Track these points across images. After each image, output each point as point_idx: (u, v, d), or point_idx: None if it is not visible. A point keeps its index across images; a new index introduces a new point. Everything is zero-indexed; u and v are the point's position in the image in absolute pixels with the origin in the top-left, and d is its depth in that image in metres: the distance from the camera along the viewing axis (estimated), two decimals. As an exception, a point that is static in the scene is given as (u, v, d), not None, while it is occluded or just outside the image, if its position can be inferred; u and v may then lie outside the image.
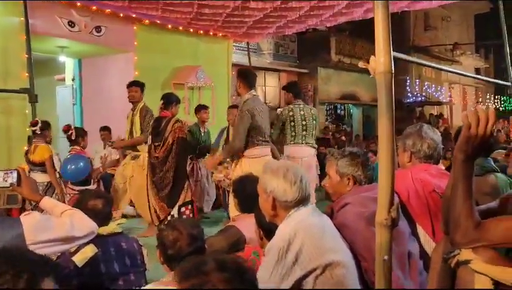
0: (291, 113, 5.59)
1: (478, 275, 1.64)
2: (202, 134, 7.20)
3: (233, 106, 6.64)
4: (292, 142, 5.58)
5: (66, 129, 5.52)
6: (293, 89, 5.88)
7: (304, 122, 5.59)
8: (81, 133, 5.55)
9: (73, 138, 5.44)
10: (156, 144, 5.57)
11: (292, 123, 5.58)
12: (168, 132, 5.51)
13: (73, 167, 5.15)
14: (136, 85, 6.07)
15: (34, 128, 5.26)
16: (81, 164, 5.21)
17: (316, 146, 5.80)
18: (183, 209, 5.53)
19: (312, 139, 5.70)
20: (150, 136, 5.67)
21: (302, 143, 5.58)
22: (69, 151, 5.49)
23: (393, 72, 1.50)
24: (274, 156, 5.52)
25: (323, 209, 2.24)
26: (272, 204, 2.06)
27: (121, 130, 7.80)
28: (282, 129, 5.62)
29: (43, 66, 9.16)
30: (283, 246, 1.92)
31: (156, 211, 5.52)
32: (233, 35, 9.40)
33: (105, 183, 6.11)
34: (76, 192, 5.27)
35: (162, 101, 5.83)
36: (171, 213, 5.49)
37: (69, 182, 5.48)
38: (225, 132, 6.85)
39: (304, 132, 5.59)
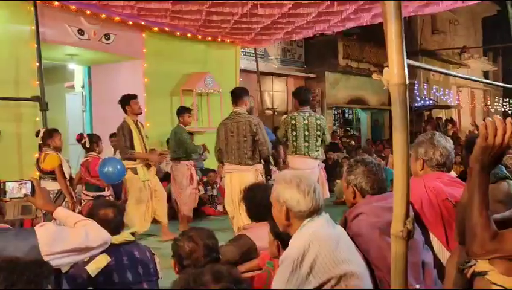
0: (293, 122, 5.31)
1: (495, 286, 1.63)
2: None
3: None
4: (294, 153, 5.34)
5: (79, 138, 5.56)
6: (299, 95, 5.55)
7: (306, 133, 5.29)
8: (95, 139, 5.60)
9: (87, 146, 5.49)
10: None
11: (294, 133, 5.30)
12: None
13: (110, 169, 5.20)
14: None
15: (37, 138, 5.36)
16: (118, 166, 5.28)
17: (320, 157, 5.49)
18: None
19: (315, 151, 5.35)
20: None
21: (304, 155, 5.30)
22: (85, 159, 5.53)
23: (407, 83, 1.50)
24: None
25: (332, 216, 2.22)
26: (285, 214, 2.07)
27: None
28: (286, 137, 5.38)
29: (52, 74, 9.25)
30: (297, 257, 1.92)
31: None
32: (241, 41, 9.44)
33: (115, 190, 6.13)
34: (91, 198, 5.31)
35: None
36: None
37: (83, 188, 5.53)
38: None
39: (306, 143, 5.29)
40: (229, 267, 1.33)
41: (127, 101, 5.96)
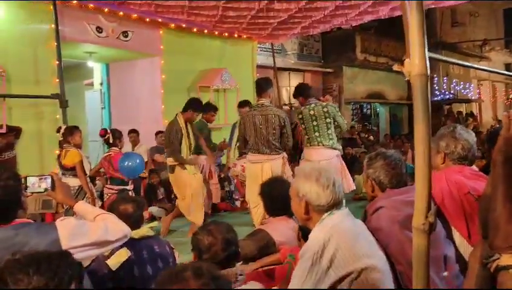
0: (300, 116, 5.44)
1: (519, 280, 1.60)
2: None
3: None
4: (309, 145, 5.41)
5: (103, 133, 5.63)
6: (301, 92, 5.66)
7: (314, 123, 5.33)
8: (117, 135, 5.67)
9: (110, 141, 5.56)
10: None
11: (303, 126, 5.41)
12: None
13: (130, 163, 5.25)
14: None
15: (58, 134, 5.44)
16: (138, 160, 5.31)
17: (336, 147, 5.44)
18: None
19: (328, 140, 5.33)
20: None
21: (318, 145, 5.32)
22: (108, 153, 5.59)
23: (429, 74, 1.47)
24: None
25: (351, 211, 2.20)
26: (305, 208, 2.06)
27: (148, 133, 7.93)
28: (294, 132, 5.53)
29: (72, 72, 9.37)
30: (317, 250, 1.91)
31: None
32: (258, 36, 9.42)
33: (135, 185, 6.19)
34: (115, 191, 5.37)
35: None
36: None
37: (108, 182, 5.60)
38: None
39: (316, 133, 5.32)
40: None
41: (197, 108, 5.89)
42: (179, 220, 6.16)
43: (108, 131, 5.67)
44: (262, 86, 5.20)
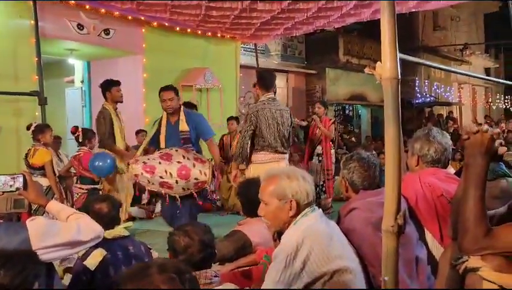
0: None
1: (486, 283, 1.62)
2: None
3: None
4: None
5: (73, 131, 5.50)
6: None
7: None
8: (89, 135, 5.50)
9: (80, 140, 5.42)
10: None
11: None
12: None
13: (101, 163, 5.10)
14: None
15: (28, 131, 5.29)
16: (109, 160, 5.16)
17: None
18: None
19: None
20: None
21: None
22: (77, 152, 5.49)
23: (399, 77, 1.49)
24: None
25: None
26: (296, 209, 2.04)
27: (128, 132, 7.83)
28: None
29: (52, 69, 9.22)
30: (290, 252, 1.91)
31: None
32: (241, 37, 9.41)
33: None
34: (85, 191, 5.27)
35: None
36: None
37: (78, 181, 5.48)
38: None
39: None
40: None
41: (108, 86, 5.66)
42: (156, 221, 6.13)
43: (79, 129, 5.52)
44: (268, 79, 4.87)
